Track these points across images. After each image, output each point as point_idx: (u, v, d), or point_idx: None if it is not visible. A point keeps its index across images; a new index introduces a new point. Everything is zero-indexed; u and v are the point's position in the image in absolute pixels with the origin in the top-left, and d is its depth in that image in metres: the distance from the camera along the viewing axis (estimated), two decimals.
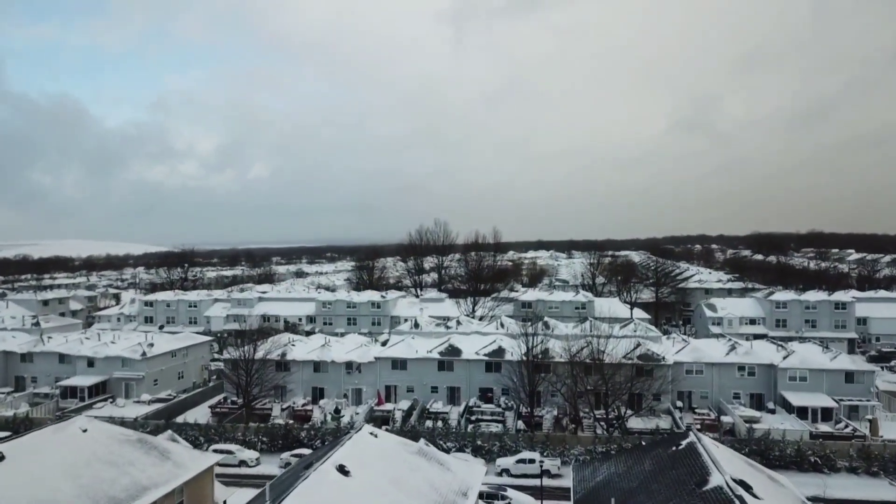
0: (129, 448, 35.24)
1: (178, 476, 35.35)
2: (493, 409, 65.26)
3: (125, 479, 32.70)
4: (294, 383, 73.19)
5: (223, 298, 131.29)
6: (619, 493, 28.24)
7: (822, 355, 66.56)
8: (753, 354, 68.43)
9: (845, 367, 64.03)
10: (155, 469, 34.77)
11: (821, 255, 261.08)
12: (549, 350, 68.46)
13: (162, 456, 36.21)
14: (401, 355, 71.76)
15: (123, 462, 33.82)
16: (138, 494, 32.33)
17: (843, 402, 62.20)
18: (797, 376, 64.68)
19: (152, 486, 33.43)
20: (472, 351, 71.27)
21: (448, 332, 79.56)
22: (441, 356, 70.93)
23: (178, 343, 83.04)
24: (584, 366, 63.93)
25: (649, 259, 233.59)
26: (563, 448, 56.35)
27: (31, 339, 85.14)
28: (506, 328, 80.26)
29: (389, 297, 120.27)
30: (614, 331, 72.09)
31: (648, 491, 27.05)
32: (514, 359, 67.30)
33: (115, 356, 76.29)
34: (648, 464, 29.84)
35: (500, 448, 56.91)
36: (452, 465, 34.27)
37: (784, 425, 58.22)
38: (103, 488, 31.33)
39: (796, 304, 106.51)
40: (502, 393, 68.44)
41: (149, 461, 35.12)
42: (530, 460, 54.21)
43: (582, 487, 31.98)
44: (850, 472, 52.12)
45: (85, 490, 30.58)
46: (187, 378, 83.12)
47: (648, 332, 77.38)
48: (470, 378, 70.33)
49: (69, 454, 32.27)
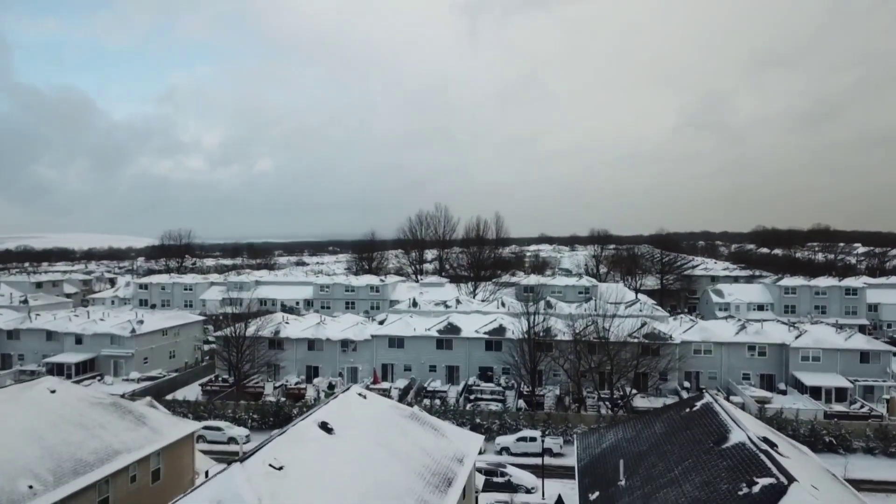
0: (100, 411, 32.85)
1: (154, 442, 32.95)
2: (492, 388, 62.83)
3: (95, 442, 30.31)
4: (288, 362, 70.82)
5: (219, 282, 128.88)
6: (628, 457, 25.82)
7: (835, 335, 63.98)
8: (764, 334, 65.85)
9: (861, 347, 61.45)
10: (129, 434, 32.37)
11: (827, 249, 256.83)
12: (552, 328, 66.03)
13: (137, 421, 33.81)
14: (398, 333, 69.32)
15: (94, 425, 31.42)
16: (109, 458, 29.95)
17: (857, 383, 59.66)
18: (810, 356, 62.08)
19: (125, 451, 31.05)
20: (472, 329, 68.82)
21: (447, 311, 77.12)
22: (440, 334, 68.47)
23: (169, 322, 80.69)
24: (588, 344, 61.50)
25: (654, 250, 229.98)
26: (566, 426, 53.94)
27: (19, 316, 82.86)
28: (507, 307, 77.76)
29: (389, 282, 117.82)
30: (619, 310, 69.55)
31: (660, 452, 24.60)
32: (515, 337, 64.86)
33: (103, 333, 73.98)
34: (659, 427, 27.39)
35: (501, 426, 54.54)
36: (448, 432, 31.85)
37: (797, 405, 55.70)
38: (70, 451, 28.95)
39: (806, 289, 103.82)
40: (503, 372, 66.05)
41: (122, 425, 32.72)
42: (531, 438, 51.85)
43: (587, 455, 29.56)
44: (866, 453, 49.70)
45: (49, 452, 28.21)
46: (179, 358, 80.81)
47: (655, 311, 74.83)
48: (469, 357, 67.89)
49: (34, 415, 29.87)
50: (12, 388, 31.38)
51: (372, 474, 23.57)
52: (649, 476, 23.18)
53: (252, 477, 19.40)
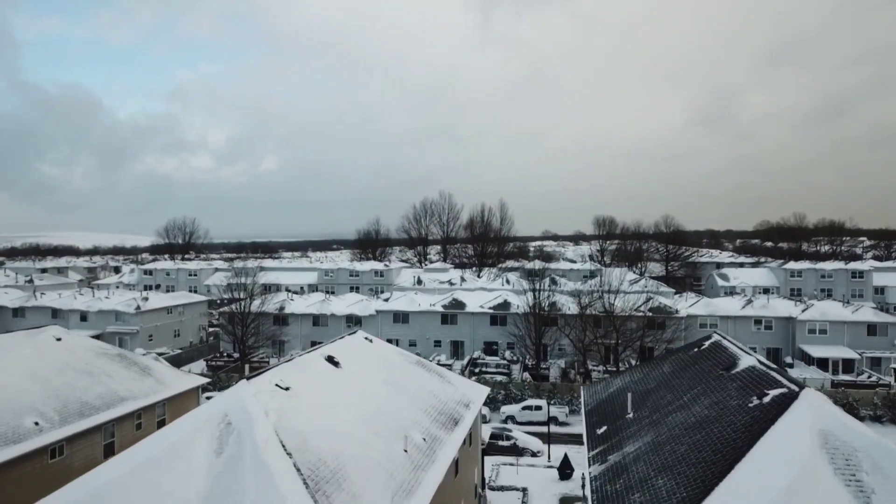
0: (106, 360, 32.87)
1: (159, 392, 32.95)
2: (497, 362, 62.68)
3: (100, 388, 30.32)
4: (293, 337, 70.79)
5: (224, 269, 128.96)
6: (635, 395, 25.61)
7: (842, 308, 63.63)
8: (770, 308, 65.54)
9: (868, 319, 61.11)
10: (134, 383, 32.37)
11: (833, 242, 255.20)
12: (557, 303, 65.84)
13: (143, 372, 33.82)
14: (403, 308, 69.20)
15: (100, 372, 31.44)
16: (114, 404, 29.96)
17: (865, 355, 59.32)
18: (817, 329, 61.76)
19: (130, 398, 31.05)
20: (477, 305, 68.66)
21: (452, 288, 77.01)
22: (444, 309, 68.34)
23: (174, 300, 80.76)
24: (593, 318, 61.31)
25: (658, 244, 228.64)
26: (572, 396, 53.77)
27: (24, 294, 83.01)
28: (511, 284, 77.58)
29: (393, 267, 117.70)
30: (624, 285, 69.31)
31: (669, 386, 24.43)
32: (521, 311, 64.68)
33: (108, 310, 74.07)
34: (668, 367, 27.20)
35: (506, 396, 54.41)
36: (454, 380, 31.72)
37: (804, 376, 55.40)
38: (76, 394, 28.98)
39: (811, 272, 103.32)
40: (507, 347, 65.88)
41: (128, 375, 32.73)
42: (536, 407, 51.69)
43: (594, 400, 29.38)
44: (874, 421, 49.38)
45: (55, 393, 28.24)
46: (184, 337, 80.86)
47: (660, 287, 74.56)
48: (474, 332, 67.75)
49: (40, 359, 29.90)
50: (18, 334, 31.40)
51: (378, 405, 23.44)
52: (657, 406, 23.02)
53: (258, 393, 19.29)
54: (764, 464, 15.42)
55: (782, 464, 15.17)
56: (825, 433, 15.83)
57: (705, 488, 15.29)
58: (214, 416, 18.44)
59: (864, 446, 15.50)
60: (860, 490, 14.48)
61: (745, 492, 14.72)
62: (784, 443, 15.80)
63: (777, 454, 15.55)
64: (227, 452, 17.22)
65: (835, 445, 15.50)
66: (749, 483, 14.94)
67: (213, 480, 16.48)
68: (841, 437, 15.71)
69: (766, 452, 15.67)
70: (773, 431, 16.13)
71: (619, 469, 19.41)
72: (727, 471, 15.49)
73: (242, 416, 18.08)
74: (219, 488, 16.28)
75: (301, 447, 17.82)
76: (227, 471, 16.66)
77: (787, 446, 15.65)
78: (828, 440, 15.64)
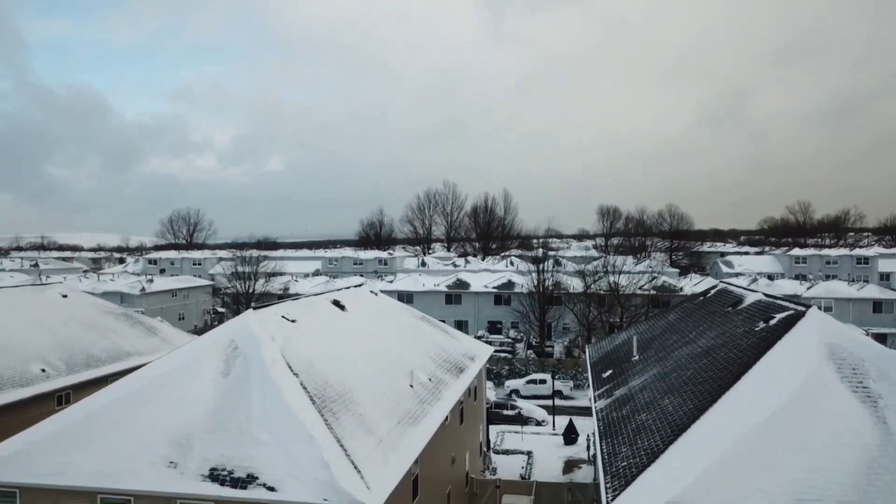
0: (112, 318, 32.99)
1: (165, 350, 32.97)
2: (501, 340, 62.71)
3: (106, 342, 30.44)
4: None
5: (228, 258, 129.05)
6: (641, 342, 25.58)
7: (848, 287, 63.50)
8: (775, 286, 65.33)
9: (873, 296, 60.98)
10: (140, 340, 32.49)
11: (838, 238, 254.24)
12: (561, 284, 65.83)
13: (148, 331, 33.95)
14: (407, 289, 69.25)
15: (105, 328, 31.57)
16: (120, 358, 30.05)
17: (870, 332, 59.12)
18: (822, 306, 61.51)
19: (136, 354, 31.12)
20: (481, 285, 68.73)
21: (456, 269, 77.08)
22: (448, 289, 68.40)
23: (178, 284, 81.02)
24: (598, 296, 61.30)
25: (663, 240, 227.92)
26: (576, 371, 53.77)
27: (29, 279, 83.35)
28: (515, 266, 77.62)
29: (396, 255, 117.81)
30: (627, 265, 69.26)
31: (675, 330, 24.42)
32: (525, 291, 64.71)
33: (113, 291, 74.21)
34: (673, 316, 27.22)
35: (510, 371, 54.47)
36: (458, 336, 31.82)
37: None
38: (82, 346, 29.11)
39: (816, 258, 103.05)
40: (511, 326, 65.90)
41: (133, 333, 32.86)
42: (541, 381, 51.66)
43: (598, 353, 29.38)
44: None
45: (61, 344, 28.36)
46: (188, 321, 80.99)
47: (665, 268, 74.53)
48: (478, 311, 67.78)
49: (46, 312, 30.04)
50: (25, 289, 31.60)
51: (384, 346, 23.50)
52: (663, 346, 23.01)
53: (264, 322, 19.35)
54: (771, 374, 15.42)
55: (789, 373, 15.17)
56: (832, 346, 15.81)
57: (712, 399, 15.28)
58: (221, 340, 18.52)
59: (871, 356, 15.49)
60: (867, 395, 14.47)
61: (753, 398, 14.72)
62: (790, 355, 15.80)
63: (783, 365, 15.54)
64: (233, 374, 17.29)
65: (842, 357, 15.49)
66: (756, 390, 14.94)
67: (221, 398, 16.56)
68: (848, 349, 15.70)
69: (773, 364, 15.67)
70: (779, 345, 16.13)
71: (624, 399, 19.41)
72: (734, 382, 15.48)
73: (249, 340, 18.15)
74: (226, 404, 16.36)
75: (307, 370, 17.88)
76: (234, 390, 16.73)
77: (794, 358, 15.64)
78: (834, 352, 15.62)
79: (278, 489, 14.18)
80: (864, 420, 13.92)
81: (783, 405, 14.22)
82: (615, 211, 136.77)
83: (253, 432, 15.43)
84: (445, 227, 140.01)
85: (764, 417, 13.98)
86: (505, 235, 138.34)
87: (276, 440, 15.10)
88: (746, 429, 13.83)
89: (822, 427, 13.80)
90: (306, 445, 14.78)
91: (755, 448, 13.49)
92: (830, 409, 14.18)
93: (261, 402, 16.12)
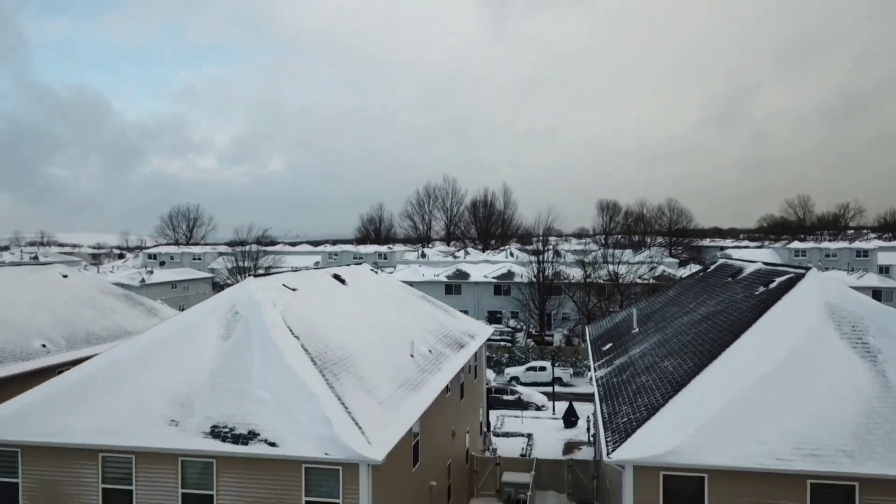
0: (112, 298, 33.03)
1: None
2: (501, 329, 62.76)
3: (106, 321, 30.43)
4: None
5: (228, 252, 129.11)
6: (641, 317, 25.60)
7: (847, 276, 63.58)
8: None
9: (873, 285, 61.05)
10: (140, 320, 32.44)
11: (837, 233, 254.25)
12: (561, 273, 65.89)
13: (149, 312, 33.95)
14: (406, 279, 69.17)
15: (106, 308, 31.57)
16: (120, 336, 29.99)
17: None
18: None
19: (136, 333, 31.01)
20: (481, 275, 68.78)
21: (456, 260, 77.12)
22: (448, 279, 68.44)
23: (178, 276, 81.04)
24: (598, 286, 61.36)
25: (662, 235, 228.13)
26: (575, 359, 53.82)
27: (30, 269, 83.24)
28: (515, 257, 77.68)
29: (396, 249, 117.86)
30: (627, 255, 69.32)
31: (675, 303, 24.46)
32: (525, 281, 64.78)
33: (112, 283, 74.18)
34: (673, 291, 27.24)
35: (510, 359, 54.51)
36: (459, 316, 31.86)
37: None
38: (82, 324, 29.09)
39: (815, 251, 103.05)
40: (511, 316, 65.97)
41: (134, 313, 32.86)
42: (541, 368, 51.69)
43: (598, 331, 29.41)
44: None
45: (62, 321, 28.34)
46: None
47: (664, 258, 74.59)
48: (478, 301, 67.81)
49: (47, 291, 30.02)
50: (25, 268, 31.59)
51: (384, 319, 23.52)
52: (663, 318, 23.05)
53: (266, 289, 19.37)
54: (770, 332, 15.45)
55: (788, 330, 15.22)
56: (831, 305, 15.87)
57: (712, 357, 15.31)
58: (221, 305, 18.56)
59: (871, 314, 15.55)
60: (867, 351, 14.52)
61: (753, 354, 14.76)
62: (790, 314, 15.84)
63: (783, 323, 15.59)
64: (234, 337, 17.32)
65: (841, 315, 15.54)
66: (756, 347, 14.98)
67: (222, 360, 16.59)
68: (848, 308, 15.76)
69: (773, 322, 15.71)
70: (779, 305, 16.17)
71: (624, 366, 19.44)
72: (733, 340, 15.51)
73: (250, 305, 18.17)
74: (227, 365, 16.38)
75: (308, 334, 17.91)
76: (235, 352, 16.75)
77: (793, 316, 15.69)
78: (834, 311, 15.68)
79: (280, 444, 14.22)
80: (863, 374, 13.98)
81: (783, 360, 14.29)
82: (614, 205, 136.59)
83: (254, 391, 15.46)
84: (445, 221, 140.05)
85: (764, 372, 14.04)
86: (504, 231, 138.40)
87: (276, 398, 15.13)
88: (747, 383, 13.90)
89: (822, 381, 13.86)
90: (307, 403, 14.81)
91: (755, 401, 13.55)
92: (830, 363, 14.25)
93: (261, 362, 16.15)
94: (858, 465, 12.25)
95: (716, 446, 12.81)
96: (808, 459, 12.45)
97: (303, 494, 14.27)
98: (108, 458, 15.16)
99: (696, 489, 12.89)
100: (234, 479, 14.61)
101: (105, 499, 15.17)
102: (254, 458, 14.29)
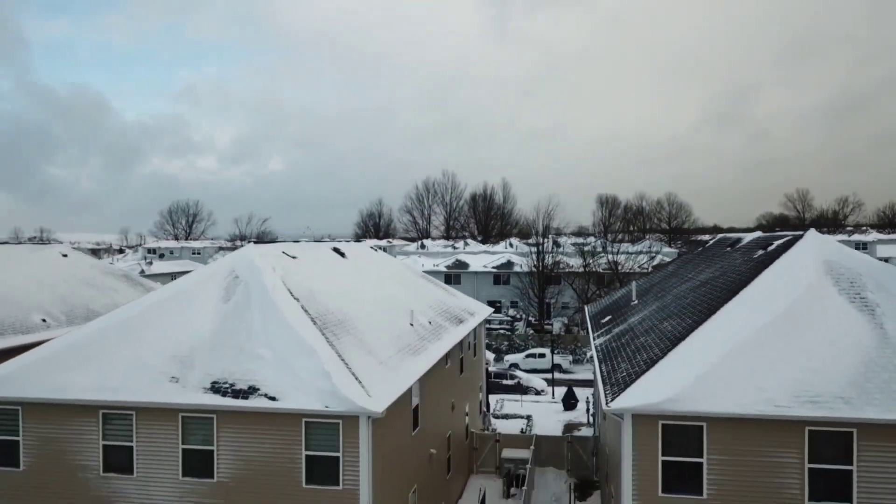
0: (112, 278, 33.06)
1: None
2: (501, 318, 62.83)
3: (106, 299, 30.43)
4: None
5: (228, 247, 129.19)
6: (640, 291, 25.65)
7: None
8: None
9: None
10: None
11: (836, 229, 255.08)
12: (561, 263, 65.96)
13: (148, 293, 33.93)
14: None
15: (105, 287, 31.60)
16: None
17: None
18: None
19: None
20: (480, 265, 68.83)
21: (455, 251, 77.18)
22: (448, 269, 68.47)
23: (178, 267, 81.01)
24: (597, 274, 61.44)
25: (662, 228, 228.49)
26: (575, 346, 53.87)
27: None
28: (515, 248, 77.75)
29: (396, 243, 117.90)
30: (625, 247, 69.42)
31: (674, 276, 24.50)
32: (524, 271, 64.84)
33: None
34: (672, 267, 27.29)
35: (509, 346, 54.57)
36: (458, 294, 31.87)
37: None
38: (82, 302, 29.13)
39: None
40: (511, 305, 66.02)
41: (134, 293, 32.81)
42: (540, 355, 51.73)
43: (597, 309, 29.46)
44: None
45: (62, 298, 28.39)
46: None
47: (663, 248, 74.67)
48: (477, 291, 67.69)
49: (47, 269, 30.05)
50: (25, 247, 31.59)
51: (384, 292, 23.56)
52: (662, 288, 23.10)
53: (265, 255, 19.41)
54: (769, 287, 15.50)
55: (787, 286, 15.27)
56: (830, 262, 15.92)
57: (710, 313, 15.35)
58: (221, 270, 18.60)
59: (869, 270, 15.61)
60: (865, 305, 14.58)
61: (751, 308, 14.81)
62: (788, 271, 15.89)
63: (782, 279, 15.64)
64: (234, 300, 17.34)
65: (839, 272, 15.59)
66: (755, 302, 15.03)
67: (222, 320, 16.62)
68: (846, 265, 15.82)
69: (772, 278, 15.76)
70: (777, 263, 16.22)
71: (624, 332, 19.49)
72: (732, 296, 15.56)
73: (250, 269, 18.19)
74: (227, 325, 16.42)
75: (308, 297, 17.94)
76: (235, 313, 16.79)
77: (792, 273, 15.74)
78: (833, 268, 15.73)
79: (280, 398, 14.26)
80: (861, 326, 14.04)
81: (781, 313, 14.34)
82: (614, 199, 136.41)
83: (254, 349, 15.50)
84: (444, 216, 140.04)
85: (763, 324, 14.09)
86: (504, 226, 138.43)
87: (277, 356, 15.17)
88: (746, 335, 13.95)
89: (821, 333, 13.91)
90: (307, 359, 14.85)
91: (754, 352, 13.60)
92: (828, 316, 14.30)
93: (262, 322, 16.18)
94: (857, 411, 12.30)
95: (715, 395, 12.85)
96: (806, 406, 12.50)
97: (303, 448, 14.30)
98: (108, 415, 15.20)
99: (696, 437, 12.93)
100: (234, 434, 14.65)
101: (105, 455, 15.21)
102: (254, 412, 14.33)
